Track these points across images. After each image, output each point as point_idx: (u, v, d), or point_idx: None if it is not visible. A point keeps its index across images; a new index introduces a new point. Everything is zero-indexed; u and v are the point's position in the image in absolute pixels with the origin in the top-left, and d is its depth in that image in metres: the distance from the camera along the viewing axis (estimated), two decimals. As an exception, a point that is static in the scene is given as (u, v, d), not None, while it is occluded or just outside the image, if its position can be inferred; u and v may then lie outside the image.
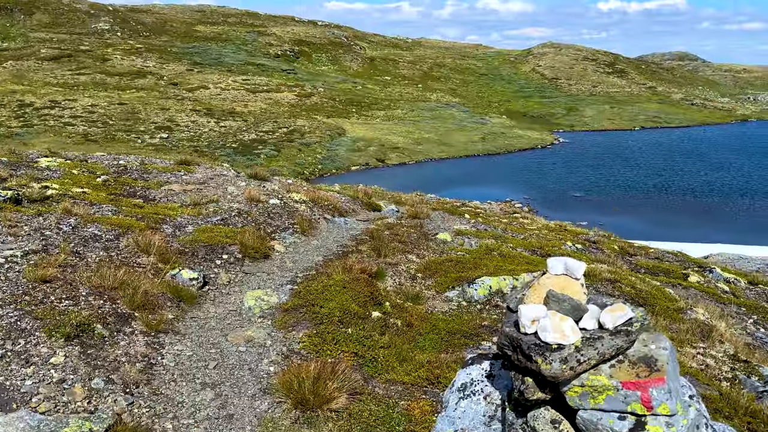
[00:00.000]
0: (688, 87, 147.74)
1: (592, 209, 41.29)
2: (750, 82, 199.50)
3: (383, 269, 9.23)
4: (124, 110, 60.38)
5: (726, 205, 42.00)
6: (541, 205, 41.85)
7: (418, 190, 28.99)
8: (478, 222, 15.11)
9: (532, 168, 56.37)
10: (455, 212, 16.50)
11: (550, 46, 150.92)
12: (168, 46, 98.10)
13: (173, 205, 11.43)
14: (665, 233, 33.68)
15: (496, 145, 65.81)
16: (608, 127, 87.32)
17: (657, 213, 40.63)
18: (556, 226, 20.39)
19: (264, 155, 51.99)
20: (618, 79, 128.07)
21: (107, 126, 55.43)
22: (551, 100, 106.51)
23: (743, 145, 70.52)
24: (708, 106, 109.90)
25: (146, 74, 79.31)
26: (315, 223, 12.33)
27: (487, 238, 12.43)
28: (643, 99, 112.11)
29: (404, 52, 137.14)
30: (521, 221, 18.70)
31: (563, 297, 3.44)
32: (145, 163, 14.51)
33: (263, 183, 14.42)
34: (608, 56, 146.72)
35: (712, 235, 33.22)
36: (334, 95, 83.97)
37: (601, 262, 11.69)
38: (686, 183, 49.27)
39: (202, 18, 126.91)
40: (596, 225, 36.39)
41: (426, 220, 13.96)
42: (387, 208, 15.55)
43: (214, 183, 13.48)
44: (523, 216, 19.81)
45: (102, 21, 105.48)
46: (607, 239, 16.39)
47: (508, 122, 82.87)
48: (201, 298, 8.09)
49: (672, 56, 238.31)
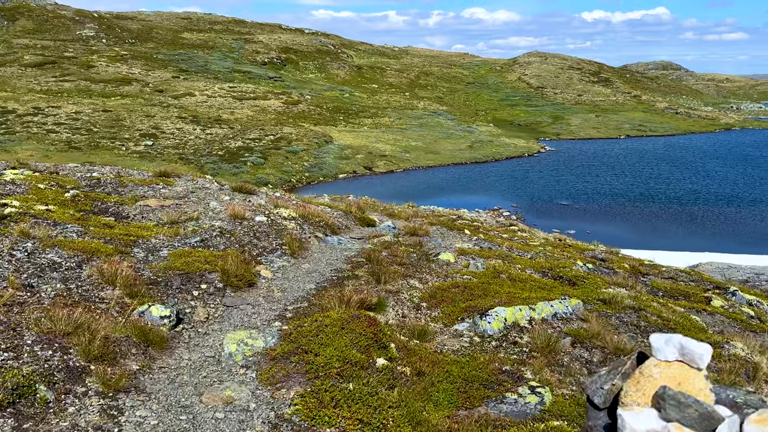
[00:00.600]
0: (672, 96, 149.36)
1: (580, 217, 41.37)
2: (732, 92, 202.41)
3: (384, 299, 8.37)
4: (108, 117, 59.72)
5: (712, 213, 42.26)
6: (528, 213, 41.86)
7: (410, 201, 28.10)
8: (481, 239, 14.17)
9: (519, 176, 56.48)
10: (454, 227, 15.73)
11: (536, 55, 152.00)
12: (154, 53, 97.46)
13: (148, 224, 10.31)
14: (653, 241, 33.79)
15: (484, 153, 65.90)
16: (594, 135, 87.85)
17: (644, 221, 40.79)
18: (556, 239, 19.18)
19: (250, 163, 51.60)
20: (603, 88, 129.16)
21: (91, 133, 54.76)
22: (537, 109, 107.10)
23: (727, 154, 71.22)
24: (692, 115, 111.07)
25: (131, 81, 78.65)
26: (306, 243, 11.14)
27: (492, 258, 11.49)
28: (627, 108, 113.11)
29: (391, 61, 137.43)
30: (520, 234, 17.74)
31: (686, 399, 2.44)
32: (121, 176, 13.27)
33: (248, 197, 13.40)
34: (593, 65, 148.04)
35: (699, 243, 33.37)
36: (321, 103, 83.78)
37: (619, 285, 10.75)
38: (672, 191, 49.56)
39: (188, 25, 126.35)
40: (584, 233, 36.50)
41: (425, 237, 13.02)
42: (383, 224, 14.47)
43: (194, 197, 12.43)
44: (521, 229, 18.96)
45: (87, 28, 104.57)
46: (615, 256, 15.24)
47: (495, 130, 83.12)
48: (173, 340, 6.87)
49: (656, 66, 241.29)
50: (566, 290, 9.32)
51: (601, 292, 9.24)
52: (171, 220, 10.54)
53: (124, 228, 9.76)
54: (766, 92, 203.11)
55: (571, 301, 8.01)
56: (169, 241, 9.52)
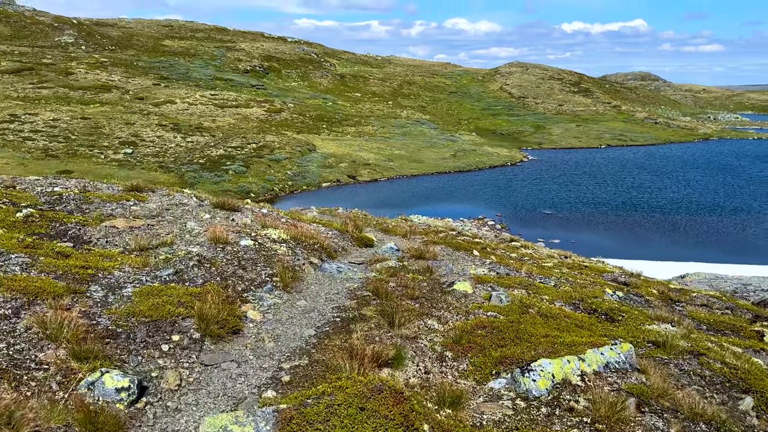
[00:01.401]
0: (651, 106, 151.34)
1: (564, 226, 41.38)
2: (709, 102, 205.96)
3: (401, 348, 6.92)
4: (87, 125, 58.69)
5: (694, 222, 42.52)
6: (513, 222, 41.78)
7: (398, 211, 27.07)
8: (495, 263, 12.63)
9: (502, 185, 56.51)
10: (460, 247, 14.22)
11: (517, 66, 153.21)
12: (134, 61, 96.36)
13: (112, 252, 8.73)
14: (638, 251, 33.84)
15: (467, 162, 65.90)
16: (575, 145, 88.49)
17: (627, 230, 40.90)
18: (561, 256, 17.90)
19: (232, 171, 50.96)
20: (583, 98, 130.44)
21: (69, 141, 53.72)
22: (519, 118, 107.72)
23: (707, 163, 72.07)
24: (671, 125, 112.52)
25: (111, 88, 77.55)
26: (300, 272, 9.69)
27: (515, 287, 10.12)
28: (608, 118, 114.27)
29: (374, 70, 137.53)
30: (524, 252, 16.32)
31: None
32: (87, 191, 11.64)
33: (232, 214, 11.86)
34: (573, 76, 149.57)
35: (684, 252, 33.49)
36: (304, 111, 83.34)
37: (662, 320, 9.37)
38: (654, 200, 49.87)
39: (169, 32, 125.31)
40: (569, 242, 36.46)
41: (433, 261, 11.60)
42: (385, 245, 12.84)
43: (170, 215, 10.87)
44: (523, 245, 17.80)
45: (66, 34, 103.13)
46: (638, 278, 13.79)
47: (478, 139, 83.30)
48: (133, 422, 5.23)
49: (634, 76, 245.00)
50: (607, 329, 8.31)
51: (647, 331, 8.22)
52: (140, 245, 9.02)
53: (83, 257, 8.21)
54: (741, 103, 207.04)
55: (623, 347, 6.87)
56: (135, 274, 8.01)
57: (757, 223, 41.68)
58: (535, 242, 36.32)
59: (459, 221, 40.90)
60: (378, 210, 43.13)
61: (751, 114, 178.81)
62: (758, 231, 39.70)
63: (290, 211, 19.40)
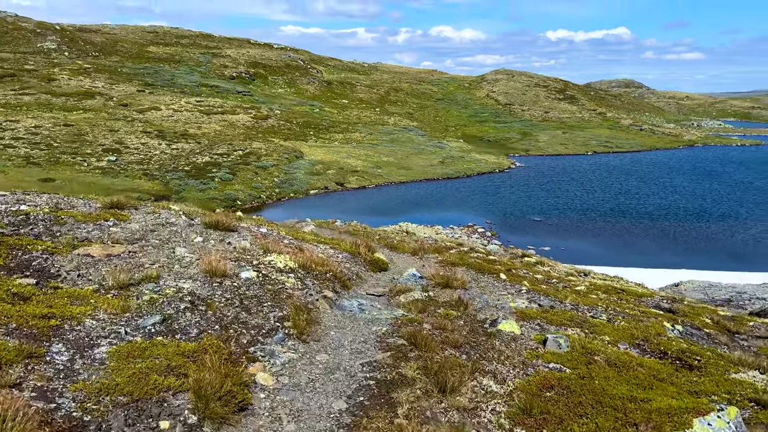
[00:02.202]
0: (635, 113, 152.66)
1: (553, 233, 41.21)
2: (692, 109, 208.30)
3: (461, 429, 5.56)
4: (69, 132, 57.73)
5: (683, 228, 42.55)
6: (503, 230, 41.54)
7: (405, 227, 25.52)
8: (532, 292, 11.09)
9: (491, 191, 56.34)
10: (483, 269, 12.69)
11: (503, 73, 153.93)
12: (118, 67, 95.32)
13: (84, 291, 6.96)
14: (628, 258, 33.70)
15: (455, 169, 65.73)
16: (562, 151, 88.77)
17: (616, 237, 40.81)
18: (579, 273, 16.39)
19: (218, 179, 50.29)
20: (569, 105, 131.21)
21: (51, 148, 52.77)
22: (506, 125, 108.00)
23: (693, 170, 72.53)
24: (656, 132, 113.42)
25: (94, 95, 76.52)
26: (314, 311, 8.04)
27: (566, 325, 8.83)
28: (593, 124, 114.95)
29: (361, 76, 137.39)
30: (541, 269, 14.33)
31: None
32: (60, 208, 9.96)
33: (227, 236, 10.30)
34: (559, 83, 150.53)
35: (674, 259, 33.41)
36: (291, 118, 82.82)
37: (749, 366, 8.02)
38: (642, 206, 49.93)
39: (154, 39, 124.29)
40: (559, 249, 36.27)
41: (461, 289, 10.05)
42: (407, 273, 11.09)
43: (155, 239, 9.29)
44: (539, 261, 15.57)
45: (49, 40, 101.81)
46: (681, 303, 12.46)
47: (466, 146, 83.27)
48: None
49: (618, 83, 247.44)
50: (691, 380, 7.19)
51: (737, 383, 7.15)
52: (119, 281, 7.30)
53: (46, 300, 6.51)
54: (724, 110, 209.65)
55: (729, 413, 5.81)
56: (112, 323, 6.34)
57: (744, 230, 41.79)
58: (525, 249, 36.11)
59: (449, 228, 40.57)
60: (368, 218, 42.68)
61: (733, 121, 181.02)
62: (746, 237, 39.79)
63: (286, 224, 18.45)
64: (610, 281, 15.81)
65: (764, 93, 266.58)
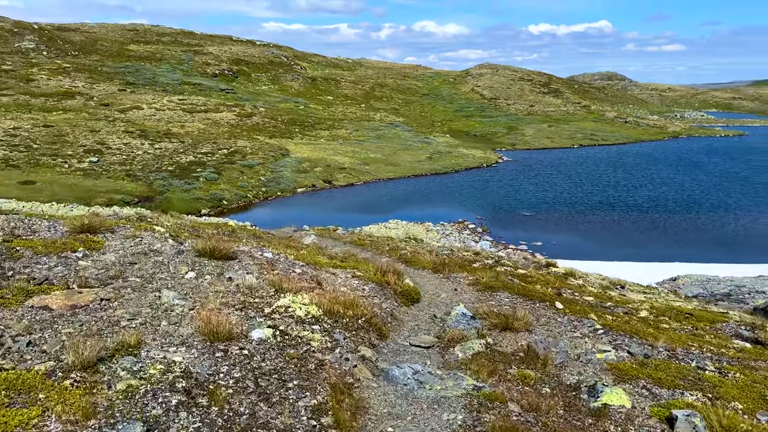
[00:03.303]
0: (619, 105, 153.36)
1: (544, 228, 40.90)
2: (675, 101, 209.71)
3: None
4: (49, 133, 56.48)
5: (673, 220, 42.47)
6: (493, 225, 41.18)
7: (406, 228, 23.47)
8: (609, 330, 8.88)
9: (479, 186, 56.00)
10: (531, 294, 10.59)
11: (488, 67, 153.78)
12: (98, 66, 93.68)
13: (30, 377, 4.75)
14: (622, 252, 33.47)
15: (443, 165, 65.31)
16: (548, 145, 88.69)
17: (607, 230, 40.62)
18: (615, 285, 14.83)
19: (203, 178, 49.42)
20: (554, 99, 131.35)
21: (31, 150, 51.54)
22: (492, 120, 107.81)
23: (679, 161, 72.75)
24: (641, 124, 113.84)
25: (74, 95, 75.07)
26: (357, 388, 5.99)
27: (678, 385, 6.91)
28: (578, 117, 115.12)
29: (345, 72, 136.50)
30: (573, 283, 12.87)
31: None
32: (17, 235, 7.93)
33: (225, 267, 8.23)
34: (543, 77, 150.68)
35: (666, 251, 33.23)
36: (276, 115, 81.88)
37: None
38: (631, 198, 49.84)
39: (134, 37, 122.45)
40: (551, 244, 35.99)
41: (525, 332, 8.06)
42: (454, 312, 8.74)
43: (135, 276, 7.32)
44: (569, 272, 14.03)
45: (26, 40, 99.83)
46: (762, 330, 10.45)
47: (453, 141, 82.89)
48: None
49: (601, 76, 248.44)
50: None
51: None
52: (83, 358, 5.03)
53: None
54: (706, 101, 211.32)
55: None
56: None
57: (734, 220, 41.81)
58: (517, 245, 35.80)
59: (439, 225, 40.14)
60: (358, 216, 42.18)
61: (715, 112, 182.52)
62: (737, 228, 39.78)
63: (284, 234, 16.98)
64: (657, 294, 13.92)
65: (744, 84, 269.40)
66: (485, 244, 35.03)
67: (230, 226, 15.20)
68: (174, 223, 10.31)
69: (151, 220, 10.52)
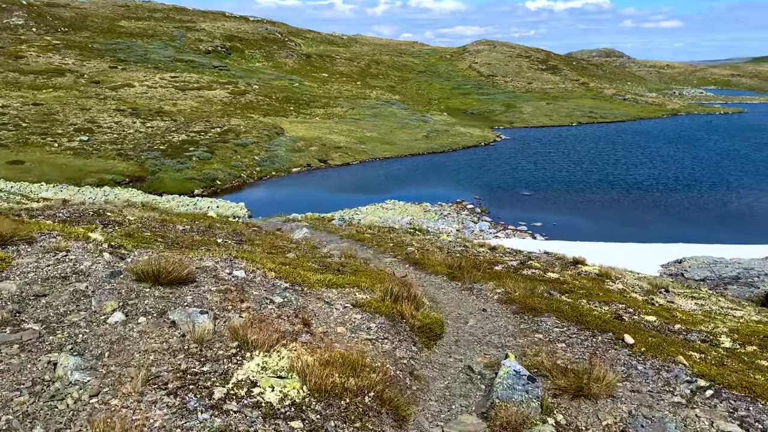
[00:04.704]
0: (617, 82, 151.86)
1: (543, 208, 40.18)
2: (673, 78, 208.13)
3: None
4: (39, 111, 55.24)
5: (675, 198, 41.78)
6: (492, 205, 40.44)
7: (417, 230, 19.72)
8: (720, 388, 5.89)
9: (477, 165, 55.15)
10: (588, 321, 7.82)
11: (485, 44, 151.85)
12: (89, 43, 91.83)
13: None
14: (624, 232, 32.80)
15: (440, 143, 64.34)
16: (546, 123, 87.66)
17: (608, 209, 39.92)
18: (657, 287, 12.81)
19: (196, 157, 48.43)
20: (552, 76, 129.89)
21: (20, 129, 50.38)
22: (489, 97, 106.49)
23: (678, 138, 71.94)
24: (639, 101, 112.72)
25: (65, 72, 73.54)
26: None
27: None
28: (577, 95, 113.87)
29: (340, 49, 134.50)
30: (610, 285, 11.09)
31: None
32: None
33: (173, 299, 5.76)
34: (541, 53, 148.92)
35: (669, 231, 32.57)
36: (270, 93, 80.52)
37: None
38: (632, 177, 49.10)
39: (126, 13, 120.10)
40: (551, 225, 35.33)
41: (607, 399, 5.47)
42: (504, 369, 5.59)
43: (35, 322, 4.98)
44: (602, 271, 12.12)
45: (15, 16, 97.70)
46: None
47: (450, 120, 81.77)
48: None
49: (599, 53, 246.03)
50: None
51: None
52: None
53: None
54: (704, 78, 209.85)
55: None
56: None
57: (737, 198, 41.16)
58: (517, 226, 35.11)
59: (437, 205, 39.39)
60: (354, 196, 41.37)
61: (714, 89, 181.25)
62: (740, 206, 39.13)
63: (272, 225, 15.66)
64: (705, 298, 11.63)
65: (743, 60, 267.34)
66: (484, 225, 34.33)
67: (210, 218, 13.18)
68: (140, 217, 8.73)
69: (110, 214, 8.89)
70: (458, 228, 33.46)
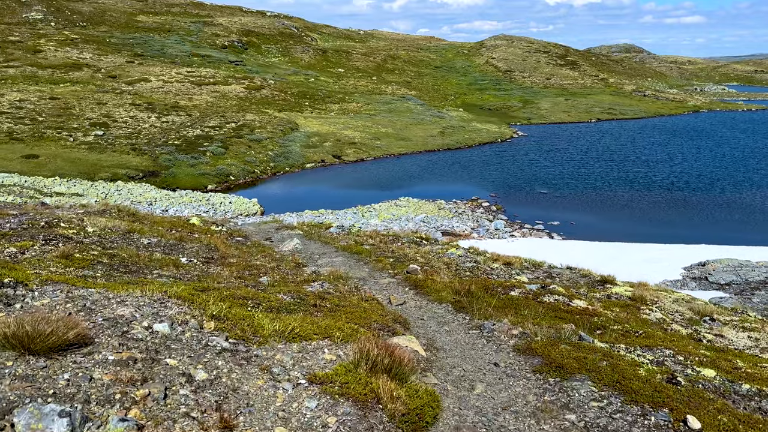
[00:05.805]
0: (637, 78, 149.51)
1: (560, 206, 39.36)
2: (695, 74, 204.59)
3: None
4: (56, 105, 55.41)
5: (698, 198, 40.71)
6: (508, 203, 39.71)
7: (424, 239, 17.51)
8: None
9: (493, 162, 54.35)
10: (627, 384, 5.97)
11: (503, 39, 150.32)
12: (106, 37, 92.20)
13: None
14: (645, 232, 31.94)
15: (456, 140, 63.58)
16: (565, 119, 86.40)
17: (628, 209, 38.99)
18: (698, 313, 9.87)
19: (210, 153, 48.22)
20: (570, 71, 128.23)
21: (36, 123, 50.54)
22: (506, 93, 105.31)
23: (700, 135, 70.41)
24: (660, 98, 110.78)
25: (82, 66, 73.83)
26: None
27: None
28: (596, 91, 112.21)
29: (357, 44, 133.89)
30: (647, 314, 10.13)
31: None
32: None
33: (37, 384, 3.69)
34: (560, 48, 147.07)
35: (692, 233, 31.65)
36: (285, 88, 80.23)
37: None
38: (653, 175, 48.01)
39: (143, 7, 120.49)
40: (568, 224, 34.54)
41: None
42: None
43: None
44: (636, 295, 10.94)
45: (34, 10, 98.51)
46: None
47: (466, 115, 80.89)
48: None
49: (619, 48, 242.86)
50: None
51: None
52: None
53: None
54: (726, 74, 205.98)
55: None
56: None
57: (762, 199, 39.98)
58: (533, 225, 34.37)
59: (452, 203, 38.76)
60: (367, 192, 40.86)
61: (736, 85, 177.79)
62: (766, 206, 38.00)
63: (264, 233, 14.55)
64: (758, 330, 9.93)
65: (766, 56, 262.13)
66: (499, 224, 33.65)
67: (190, 226, 11.62)
68: (102, 228, 7.27)
69: (64, 225, 7.48)
70: (473, 226, 32.81)
